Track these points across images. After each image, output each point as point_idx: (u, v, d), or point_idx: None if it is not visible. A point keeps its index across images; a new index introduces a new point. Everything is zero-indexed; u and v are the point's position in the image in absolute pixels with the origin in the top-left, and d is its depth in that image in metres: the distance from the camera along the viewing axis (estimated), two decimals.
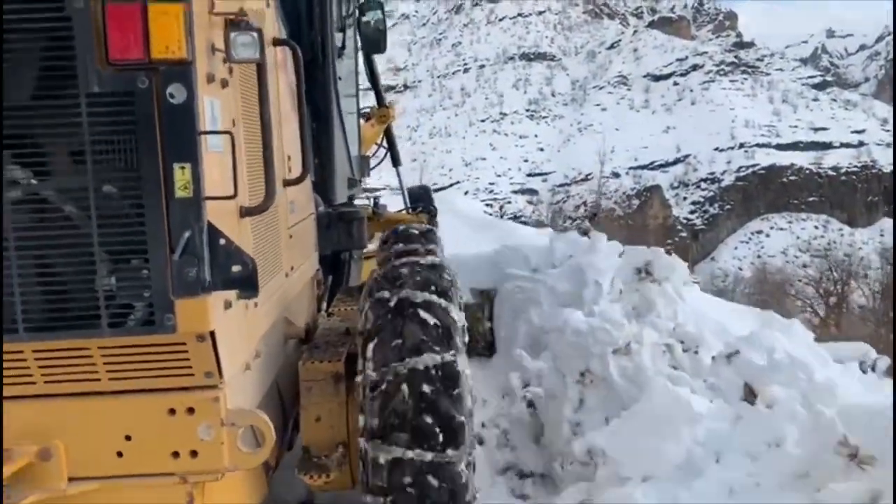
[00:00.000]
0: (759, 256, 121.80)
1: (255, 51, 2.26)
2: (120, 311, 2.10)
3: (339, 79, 4.30)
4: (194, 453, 2.26)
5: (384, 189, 8.00)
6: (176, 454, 2.27)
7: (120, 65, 1.97)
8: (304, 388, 2.98)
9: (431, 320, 2.76)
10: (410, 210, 6.51)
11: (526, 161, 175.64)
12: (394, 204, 6.74)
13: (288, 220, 3.16)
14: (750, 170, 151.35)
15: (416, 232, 3.58)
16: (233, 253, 2.14)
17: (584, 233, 6.59)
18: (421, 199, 6.82)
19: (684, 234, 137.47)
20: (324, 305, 4.23)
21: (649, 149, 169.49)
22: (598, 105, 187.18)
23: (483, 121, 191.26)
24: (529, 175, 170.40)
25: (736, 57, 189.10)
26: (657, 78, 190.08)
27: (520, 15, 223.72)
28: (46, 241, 2.06)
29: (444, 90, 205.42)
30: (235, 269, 2.14)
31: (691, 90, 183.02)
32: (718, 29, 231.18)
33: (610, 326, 4.39)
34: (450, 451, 2.63)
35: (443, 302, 2.83)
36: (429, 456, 2.60)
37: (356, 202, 5.35)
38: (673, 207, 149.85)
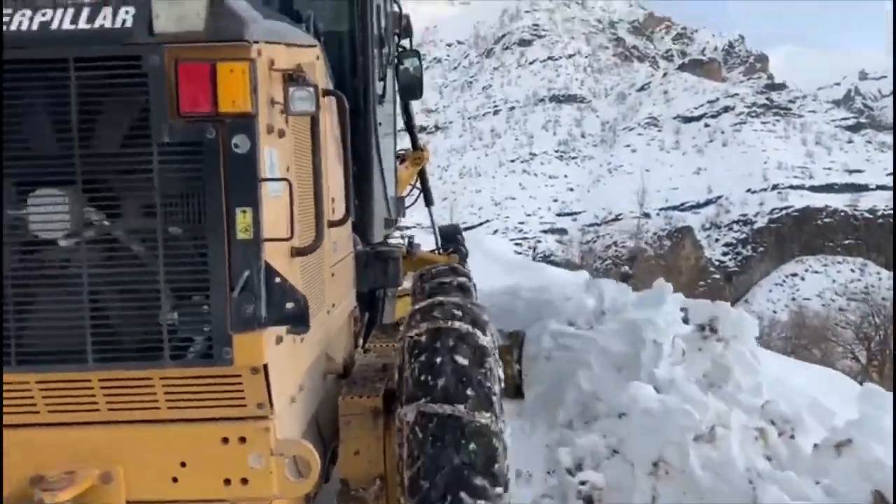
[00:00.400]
0: (793, 299, 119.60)
1: (311, 104, 2.45)
2: (181, 343, 2.26)
3: (379, 124, 4.51)
4: (245, 481, 2.39)
5: (415, 227, 8.07)
6: (227, 481, 2.39)
7: (189, 117, 2.16)
8: (344, 423, 3.06)
9: (466, 362, 2.81)
10: (442, 250, 6.62)
11: (556, 201, 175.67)
12: (426, 242, 6.81)
13: (330, 259, 3.30)
14: (784, 212, 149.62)
15: (449, 278, 3.85)
16: (287, 291, 2.30)
17: (625, 278, 6.64)
18: (452, 239, 6.98)
19: (717, 276, 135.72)
20: (360, 342, 4.33)
21: (680, 190, 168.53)
22: (628, 146, 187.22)
23: (513, 161, 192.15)
24: (559, 215, 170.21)
25: (768, 99, 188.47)
26: (688, 119, 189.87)
27: (550, 58, 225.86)
28: (116, 278, 2.24)
29: (475, 131, 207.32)
30: (289, 306, 2.29)
31: (722, 132, 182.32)
32: (749, 71, 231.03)
33: (690, 406, 3.66)
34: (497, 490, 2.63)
35: (479, 336, 2.92)
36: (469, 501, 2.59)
37: (391, 241, 5.47)
38: (705, 249, 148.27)
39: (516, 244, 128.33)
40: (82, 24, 2.17)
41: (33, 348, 2.26)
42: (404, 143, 6.60)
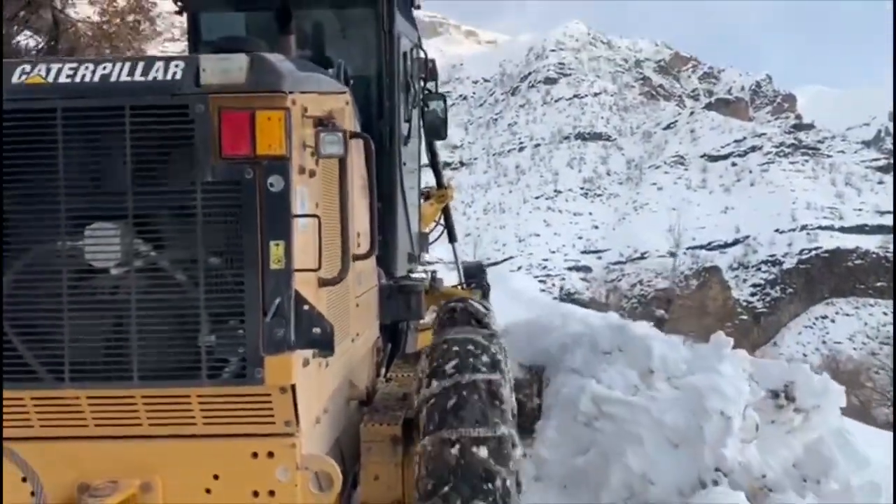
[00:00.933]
0: (824, 342, 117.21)
1: (340, 148, 2.71)
2: (217, 364, 2.51)
3: (404, 164, 4.76)
4: (272, 493, 2.61)
5: (437, 262, 7.81)
6: (256, 493, 2.61)
7: (230, 159, 2.42)
8: (365, 448, 3.21)
9: (484, 395, 2.98)
10: (464, 286, 6.71)
11: (580, 238, 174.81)
12: (449, 278, 6.75)
13: (355, 291, 3.49)
14: (813, 252, 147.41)
15: (471, 310, 4.08)
16: (314, 317, 2.56)
17: (660, 322, 5.99)
18: (475, 276, 7.25)
19: (745, 317, 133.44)
20: (382, 371, 4.43)
21: (707, 229, 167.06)
22: (654, 184, 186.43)
23: (537, 198, 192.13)
24: (584, 252, 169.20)
25: (796, 139, 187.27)
26: (715, 158, 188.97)
27: (576, 96, 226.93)
28: (160, 303, 2.49)
29: (500, 167, 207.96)
30: (315, 331, 2.55)
31: (750, 171, 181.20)
32: (777, 111, 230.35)
33: None
34: None
35: (495, 377, 3.09)
36: None
37: (414, 275, 5.51)
38: (733, 289, 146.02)
39: (540, 281, 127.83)
40: (137, 77, 2.48)
41: (84, 366, 2.49)
42: (428, 178, 6.57)
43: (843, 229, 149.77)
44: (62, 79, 2.47)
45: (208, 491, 2.61)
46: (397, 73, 4.69)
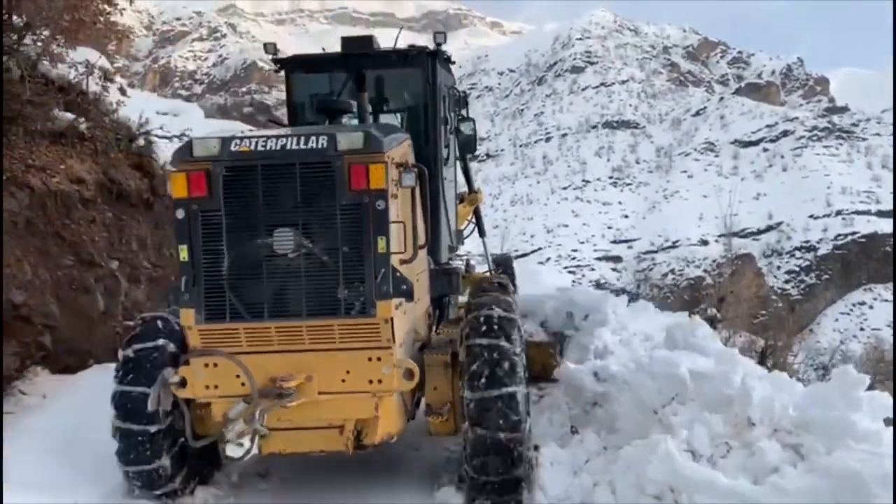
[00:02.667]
0: (862, 329, 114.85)
1: (413, 181, 4.65)
2: (349, 306, 4.24)
3: (444, 178, 6.31)
4: (380, 381, 4.33)
5: (466, 255, 9.39)
6: (370, 381, 4.33)
7: (355, 191, 4.17)
8: (427, 370, 4.85)
9: (500, 330, 4.69)
10: (493, 273, 7.74)
11: (610, 228, 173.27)
12: (480, 268, 8.44)
13: (417, 269, 5.01)
14: (849, 238, 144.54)
15: (498, 283, 5.54)
16: (401, 280, 4.33)
17: (713, 322, 5.76)
18: (502, 265, 8.49)
19: (779, 305, 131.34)
20: (434, 329, 5.84)
21: (739, 216, 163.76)
22: (684, 171, 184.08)
23: (565, 188, 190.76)
24: (614, 242, 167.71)
25: (829, 122, 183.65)
26: (746, 144, 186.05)
27: (603, 84, 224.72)
28: (316, 273, 4.23)
29: (526, 159, 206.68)
30: (403, 287, 4.32)
31: (782, 156, 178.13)
32: (809, 94, 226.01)
33: None
34: (511, 388, 4.50)
35: (510, 352, 4.64)
36: (494, 392, 4.49)
37: (453, 263, 6.96)
38: (766, 276, 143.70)
39: (570, 272, 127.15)
40: (301, 146, 4.23)
41: (273, 309, 4.26)
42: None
43: (880, 213, 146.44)
44: (259, 148, 4.23)
45: (343, 380, 4.33)
46: (439, 112, 6.23)
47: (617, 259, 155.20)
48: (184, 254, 4.32)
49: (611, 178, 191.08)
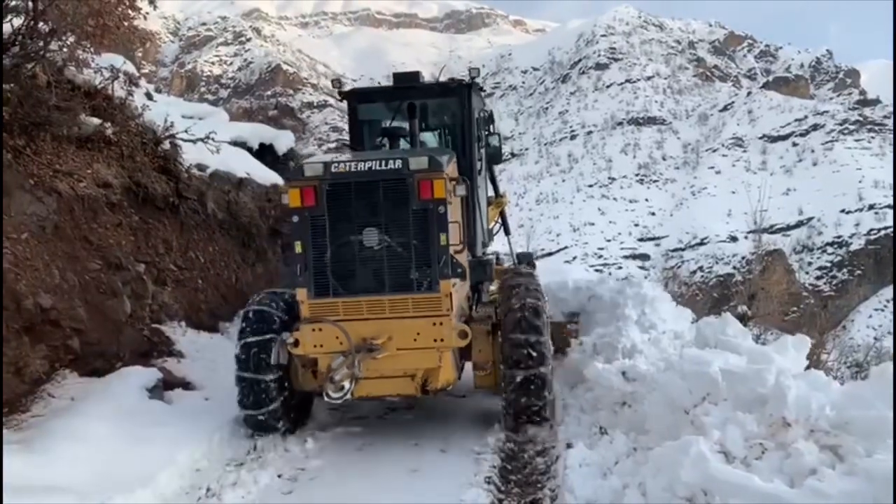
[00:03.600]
0: None
1: (465, 191, 6.42)
2: (419, 284, 5.74)
3: (478, 186, 7.79)
4: (442, 339, 5.78)
5: (494, 252, 10.33)
6: (435, 340, 5.79)
7: (423, 200, 5.66)
8: (474, 337, 6.10)
9: (529, 318, 6.03)
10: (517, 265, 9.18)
11: (637, 225, 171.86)
12: (506, 263, 9.69)
13: (463, 259, 6.29)
14: (882, 232, 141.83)
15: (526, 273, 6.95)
16: (457, 265, 5.86)
17: (744, 319, 5.67)
18: (524, 260, 9.49)
19: (811, 302, 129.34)
20: (473, 308, 7.28)
21: (768, 211, 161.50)
22: (711, 167, 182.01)
23: (591, 186, 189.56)
24: (641, 240, 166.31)
25: (860, 115, 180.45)
26: (774, 139, 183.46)
27: (628, 81, 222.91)
28: (395, 260, 5.73)
29: (551, 157, 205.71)
30: (458, 270, 5.89)
31: (812, 150, 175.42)
32: (839, 87, 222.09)
33: None
34: (541, 370, 5.89)
35: (539, 303, 6.17)
36: (528, 374, 5.90)
37: (486, 256, 8.24)
38: (797, 273, 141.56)
39: (597, 270, 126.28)
40: (382, 167, 5.71)
41: (365, 287, 5.75)
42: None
43: None
44: (352, 169, 5.73)
45: (415, 339, 5.83)
46: (473, 132, 7.71)
47: (644, 257, 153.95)
48: (298, 248, 5.87)
49: (637, 175, 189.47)
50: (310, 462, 5.40)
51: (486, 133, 8.39)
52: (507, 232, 9.76)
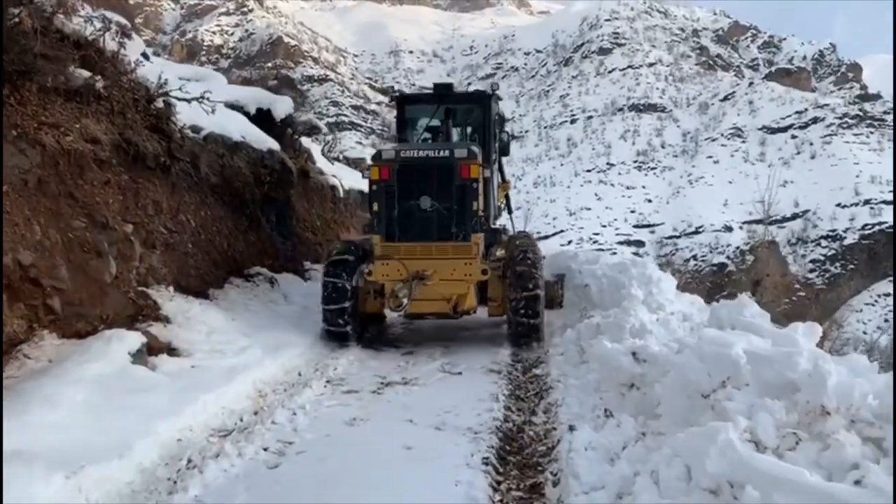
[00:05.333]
0: (886, 321, 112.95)
1: (489, 173, 9.23)
2: (457, 236, 8.37)
3: (493, 172, 9.91)
4: (470, 274, 8.34)
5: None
6: (465, 274, 8.35)
7: (463, 179, 8.34)
8: (489, 279, 8.55)
9: (530, 260, 8.36)
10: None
11: (633, 212, 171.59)
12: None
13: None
14: (876, 227, 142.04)
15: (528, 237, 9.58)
16: (482, 224, 8.60)
17: None
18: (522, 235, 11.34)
19: (803, 294, 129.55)
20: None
21: (764, 202, 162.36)
22: (710, 157, 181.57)
23: (589, 171, 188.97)
24: (636, 226, 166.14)
25: (861, 110, 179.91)
26: (774, 130, 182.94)
27: (630, 67, 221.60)
28: (441, 219, 8.35)
29: (551, 140, 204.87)
30: (483, 228, 8.66)
31: (811, 143, 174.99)
32: (841, 81, 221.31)
33: None
34: (533, 299, 8.16)
35: (534, 254, 8.51)
36: (527, 294, 8.19)
37: (496, 225, 10.44)
38: (790, 265, 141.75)
39: None
40: (435, 154, 8.53)
41: (419, 236, 8.36)
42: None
43: None
44: (415, 155, 8.48)
45: (452, 273, 8.22)
46: (491, 130, 10.06)
47: (639, 243, 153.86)
48: (376, 207, 8.50)
49: (635, 161, 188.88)
50: (299, 436, 5.11)
51: (499, 131, 10.48)
52: (510, 211, 11.94)
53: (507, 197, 11.43)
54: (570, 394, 5.64)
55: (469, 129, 10.70)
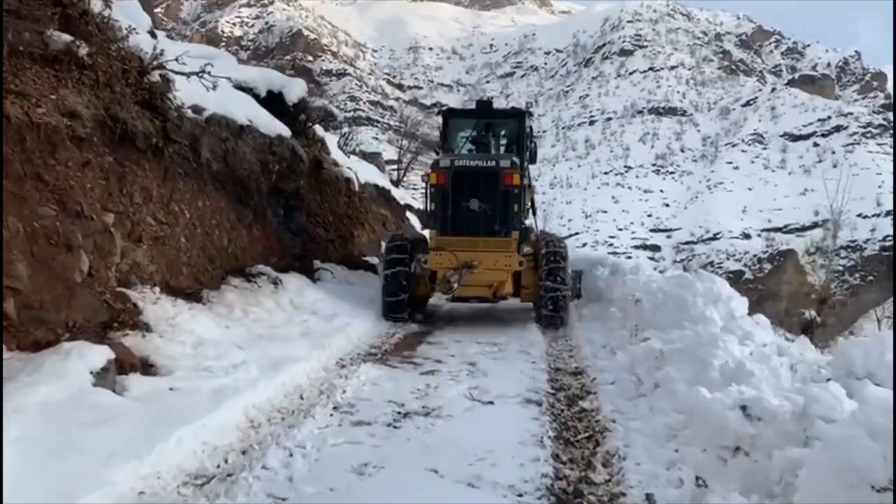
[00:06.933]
0: None
1: (528, 180, 11.59)
2: (499, 232, 10.04)
3: (524, 178, 11.19)
4: (509, 265, 9.91)
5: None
6: (505, 265, 9.90)
7: (506, 185, 10.03)
8: (523, 270, 10.02)
9: (558, 257, 10.02)
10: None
11: (650, 216, 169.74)
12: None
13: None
14: None
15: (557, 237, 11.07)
16: (520, 222, 10.48)
17: (807, 328, 4.24)
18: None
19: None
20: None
21: (784, 211, 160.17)
22: (730, 163, 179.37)
23: (606, 173, 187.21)
24: (653, 230, 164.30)
25: (885, 119, 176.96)
26: (796, 138, 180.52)
27: (651, 69, 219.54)
28: (487, 217, 10.02)
29: (569, 141, 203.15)
30: (521, 225, 10.56)
31: (833, 152, 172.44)
32: (865, 90, 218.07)
33: None
34: (562, 287, 9.89)
35: (563, 251, 10.17)
36: (557, 287, 9.87)
37: (526, 224, 11.58)
38: (808, 274, 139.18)
39: None
40: (484, 164, 10.10)
41: (469, 231, 9.98)
42: None
43: None
44: (467, 164, 10.13)
45: (494, 264, 9.82)
46: (525, 143, 11.41)
47: (655, 248, 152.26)
48: (433, 207, 10.28)
49: (654, 165, 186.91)
50: (295, 489, 4.02)
51: (529, 142, 11.67)
52: (534, 212, 12.84)
53: (532, 200, 12.49)
54: (633, 441, 4.53)
55: (505, 141, 12.24)
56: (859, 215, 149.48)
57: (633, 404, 5.30)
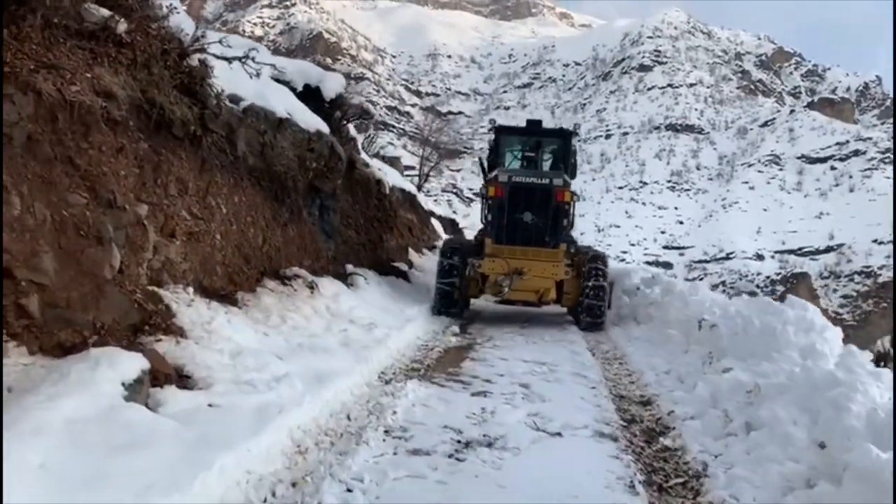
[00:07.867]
0: None
1: (577, 197, 12.58)
2: (549, 243, 11.24)
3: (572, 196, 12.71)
4: (555, 273, 11.25)
5: None
6: (552, 273, 11.17)
7: (557, 201, 11.27)
8: (565, 278, 11.37)
9: (602, 272, 11.33)
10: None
11: (663, 232, 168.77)
12: None
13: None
14: None
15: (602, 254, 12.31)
16: (568, 235, 11.84)
17: (884, 358, 3.75)
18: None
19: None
20: None
21: (799, 233, 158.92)
22: (745, 182, 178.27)
23: (621, 188, 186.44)
24: (666, 247, 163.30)
25: None
26: (813, 160, 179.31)
27: (670, 86, 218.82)
28: (538, 229, 11.17)
29: (584, 154, 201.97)
30: (569, 237, 11.94)
31: (850, 176, 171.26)
32: (885, 115, 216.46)
33: None
34: (602, 303, 11.22)
35: (604, 269, 11.44)
36: (599, 303, 11.23)
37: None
38: (821, 298, 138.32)
39: None
40: (537, 181, 11.38)
41: (521, 241, 11.14)
42: None
43: None
44: (523, 180, 11.31)
45: (542, 271, 11.04)
46: (569, 160, 12.39)
47: (667, 265, 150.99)
48: (489, 217, 11.51)
49: (669, 181, 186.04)
50: None
51: (573, 160, 12.60)
52: (571, 226, 13.54)
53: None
54: (741, 493, 3.92)
55: (551, 158, 13.01)
56: (875, 241, 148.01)
57: (725, 445, 4.69)
